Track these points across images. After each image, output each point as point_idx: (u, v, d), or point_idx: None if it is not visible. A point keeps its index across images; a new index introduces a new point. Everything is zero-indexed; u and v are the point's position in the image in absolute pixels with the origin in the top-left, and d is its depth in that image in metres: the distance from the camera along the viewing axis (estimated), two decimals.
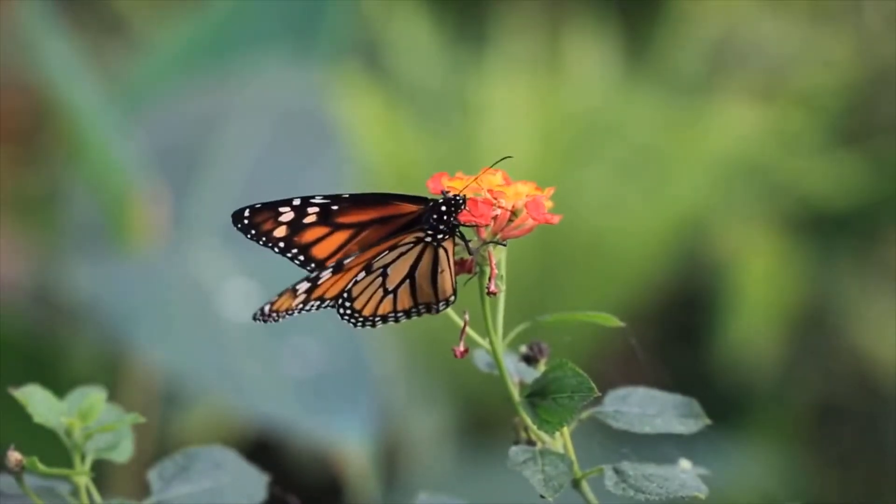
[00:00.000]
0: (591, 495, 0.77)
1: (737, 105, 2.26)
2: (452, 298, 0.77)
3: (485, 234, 0.77)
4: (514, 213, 0.77)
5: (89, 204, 1.80)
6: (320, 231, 0.79)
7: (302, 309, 0.78)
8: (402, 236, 0.77)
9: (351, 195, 0.79)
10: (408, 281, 0.77)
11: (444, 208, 0.77)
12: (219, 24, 1.96)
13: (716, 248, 2.21)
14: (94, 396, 0.80)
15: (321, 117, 1.86)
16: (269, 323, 0.79)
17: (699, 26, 2.34)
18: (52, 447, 0.83)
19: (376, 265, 0.77)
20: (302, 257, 0.79)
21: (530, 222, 0.77)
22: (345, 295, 0.78)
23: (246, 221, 0.80)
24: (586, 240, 2.10)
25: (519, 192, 0.77)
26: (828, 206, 2.22)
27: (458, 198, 0.77)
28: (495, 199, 0.76)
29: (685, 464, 0.79)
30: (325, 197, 0.79)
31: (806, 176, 2.22)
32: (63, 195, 1.91)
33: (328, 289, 0.78)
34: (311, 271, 0.79)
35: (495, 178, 0.77)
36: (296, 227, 0.79)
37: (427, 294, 0.77)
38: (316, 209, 0.79)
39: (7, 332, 1.84)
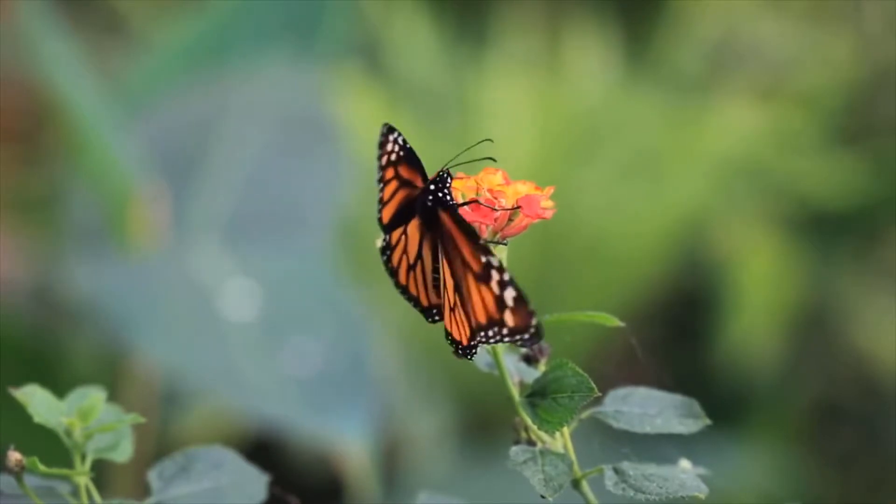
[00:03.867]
0: (591, 495, 0.77)
1: (737, 105, 2.26)
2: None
3: (486, 233, 0.77)
4: (513, 212, 0.77)
5: (89, 204, 1.80)
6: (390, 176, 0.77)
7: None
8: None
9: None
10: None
11: (432, 187, 0.76)
12: (219, 23, 1.96)
13: (716, 248, 2.21)
14: (94, 396, 0.80)
15: (321, 117, 1.86)
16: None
17: (699, 26, 2.34)
18: (52, 447, 0.83)
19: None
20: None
21: (525, 220, 0.77)
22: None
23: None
24: (586, 240, 2.10)
25: (518, 192, 0.77)
26: (828, 206, 2.22)
27: (442, 172, 0.76)
28: (495, 198, 0.76)
29: (685, 464, 0.79)
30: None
31: (806, 176, 2.22)
32: (63, 195, 1.91)
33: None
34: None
35: (495, 178, 0.77)
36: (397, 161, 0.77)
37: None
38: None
39: (7, 332, 1.84)
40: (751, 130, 2.23)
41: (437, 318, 0.76)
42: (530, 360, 0.80)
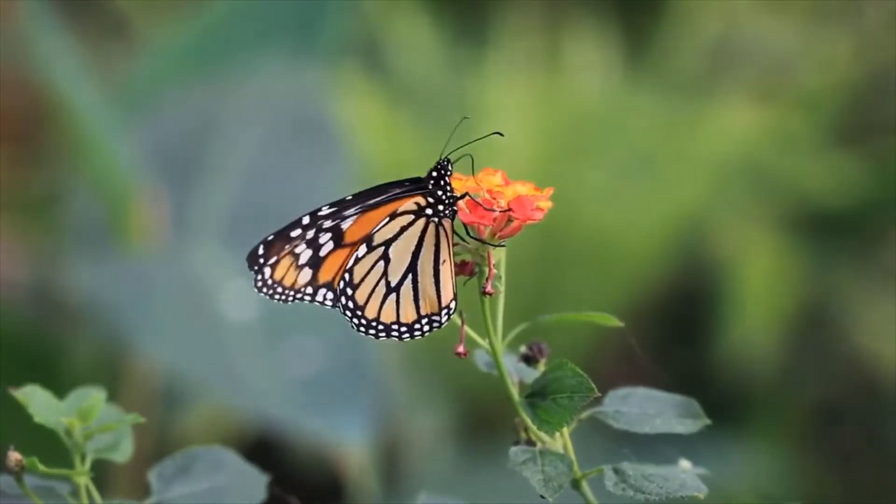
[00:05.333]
0: (590, 495, 0.77)
1: (736, 105, 2.26)
2: (453, 304, 0.77)
3: (485, 234, 0.77)
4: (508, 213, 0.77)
5: (90, 204, 1.80)
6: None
7: (313, 299, 0.77)
8: (403, 200, 0.77)
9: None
10: (410, 276, 0.76)
11: (434, 174, 0.77)
12: (219, 24, 1.96)
13: (716, 247, 2.21)
14: (94, 396, 0.80)
15: (321, 117, 1.86)
16: (274, 298, 0.77)
17: (699, 26, 2.34)
18: (52, 447, 0.83)
19: (377, 239, 0.76)
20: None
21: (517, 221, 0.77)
22: (346, 277, 0.76)
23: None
24: (586, 239, 2.10)
25: (518, 193, 0.77)
26: (828, 206, 2.22)
27: (444, 160, 0.77)
28: (494, 199, 0.76)
29: (685, 464, 0.79)
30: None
31: (806, 176, 2.22)
32: (63, 195, 1.91)
33: (333, 272, 0.76)
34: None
35: (494, 179, 0.77)
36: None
37: (430, 297, 0.77)
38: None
39: (7, 332, 1.84)
40: (750, 130, 2.22)
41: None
42: (530, 360, 0.80)
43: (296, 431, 1.63)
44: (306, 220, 0.77)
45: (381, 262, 0.76)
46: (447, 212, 0.77)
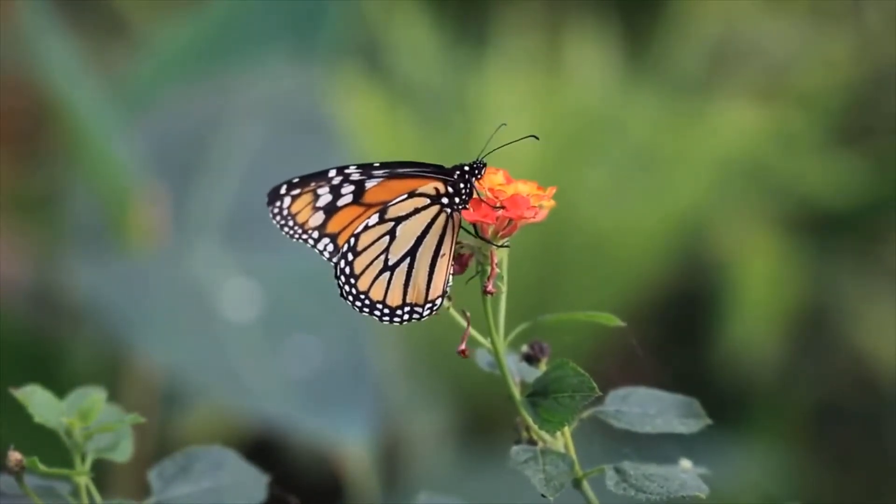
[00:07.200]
0: (591, 495, 0.77)
1: (737, 105, 2.26)
2: (439, 301, 0.77)
3: (488, 233, 0.77)
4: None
5: (89, 204, 1.80)
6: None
7: (315, 244, 0.77)
8: (426, 180, 0.77)
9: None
10: (408, 260, 0.76)
11: (466, 168, 0.77)
12: (219, 24, 1.96)
13: (716, 247, 2.21)
14: (94, 396, 0.80)
15: (321, 117, 1.86)
16: (283, 230, 0.77)
17: (699, 26, 2.34)
18: (52, 447, 0.83)
19: (390, 213, 0.76)
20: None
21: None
22: (350, 242, 0.76)
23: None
24: (587, 239, 2.10)
25: (519, 191, 0.77)
26: (828, 206, 2.22)
27: (479, 162, 0.77)
28: (496, 198, 0.76)
29: (686, 463, 0.79)
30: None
31: (806, 176, 2.22)
32: (63, 195, 1.91)
33: (342, 225, 0.77)
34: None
35: (496, 178, 0.77)
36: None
37: (419, 287, 0.77)
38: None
39: (7, 332, 1.84)
40: (751, 130, 2.22)
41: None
42: (531, 359, 0.80)
43: (296, 431, 1.63)
44: (332, 174, 0.78)
45: (387, 238, 0.76)
46: (460, 206, 0.77)
